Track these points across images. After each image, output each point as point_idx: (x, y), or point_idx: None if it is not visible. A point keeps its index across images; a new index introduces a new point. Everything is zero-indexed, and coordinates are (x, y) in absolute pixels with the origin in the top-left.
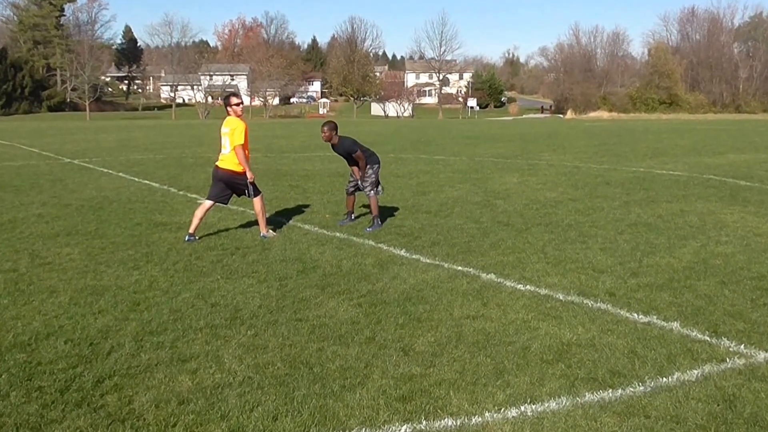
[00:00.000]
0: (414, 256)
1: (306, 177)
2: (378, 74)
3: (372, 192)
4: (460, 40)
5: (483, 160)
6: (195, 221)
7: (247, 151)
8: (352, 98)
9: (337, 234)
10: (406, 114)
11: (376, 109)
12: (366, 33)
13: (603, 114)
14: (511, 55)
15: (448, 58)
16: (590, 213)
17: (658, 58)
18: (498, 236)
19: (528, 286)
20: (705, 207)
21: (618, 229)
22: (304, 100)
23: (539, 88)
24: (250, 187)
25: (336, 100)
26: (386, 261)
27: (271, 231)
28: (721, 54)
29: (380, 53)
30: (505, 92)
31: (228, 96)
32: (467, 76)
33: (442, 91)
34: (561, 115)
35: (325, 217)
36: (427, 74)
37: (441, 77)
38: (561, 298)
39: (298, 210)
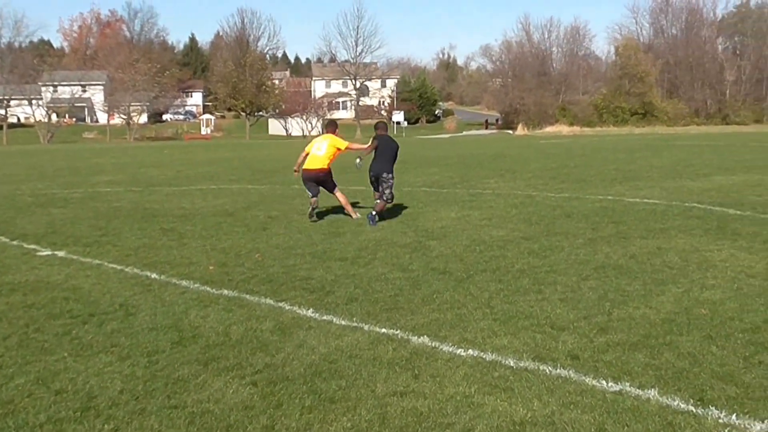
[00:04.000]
0: (325, 318)
1: (183, 218)
2: (277, 82)
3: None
4: (382, 37)
5: (412, 190)
6: (347, 206)
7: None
8: (243, 113)
9: (225, 291)
10: (314, 132)
11: (275, 126)
12: (261, 29)
13: (562, 128)
14: (445, 57)
15: (367, 60)
16: (547, 254)
17: (627, 58)
18: (432, 288)
19: (470, 351)
20: (687, 243)
21: (582, 274)
22: (182, 117)
23: (482, 98)
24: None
25: (223, 116)
26: (289, 325)
27: (357, 213)
28: (702, 52)
29: (279, 55)
30: (440, 103)
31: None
32: (391, 83)
33: (360, 103)
34: (510, 131)
35: (209, 270)
36: (341, 82)
37: (358, 85)
38: (512, 364)
39: (173, 261)
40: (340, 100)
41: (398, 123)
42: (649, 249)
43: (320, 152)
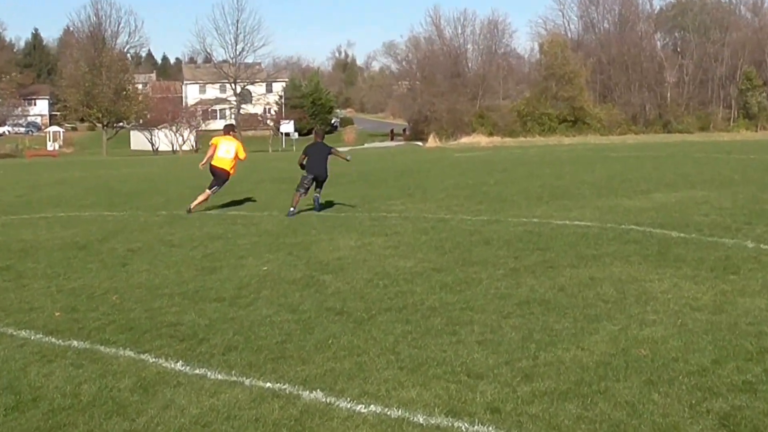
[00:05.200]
0: (198, 371)
1: (23, 253)
2: (141, 86)
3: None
4: (267, 33)
5: (304, 214)
6: (199, 199)
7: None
8: (100, 124)
9: (74, 343)
10: (186, 147)
11: (139, 140)
12: (119, 23)
13: (480, 139)
14: (343, 56)
15: (249, 60)
16: (463, 289)
17: (553, 56)
18: (327, 332)
19: (372, 407)
20: (624, 272)
21: (503, 311)
22: (23, 130)
23: (387, 104)
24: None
25: (75, 128)
26: (153, 381)
27: (190, 211)
28: (639, 50)
29: (143, 55)
30: (337, 110)
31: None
32: (278, 87)
33: (241, 111)
34: (420, 143)
35: (55, 316)
36: (218, 86)
37: (239, 90)
38: (421, 421)
39: (9, 307)
40: (218, 107)
41: (287, 134)
42: (581, 279)
43: (229, 155)
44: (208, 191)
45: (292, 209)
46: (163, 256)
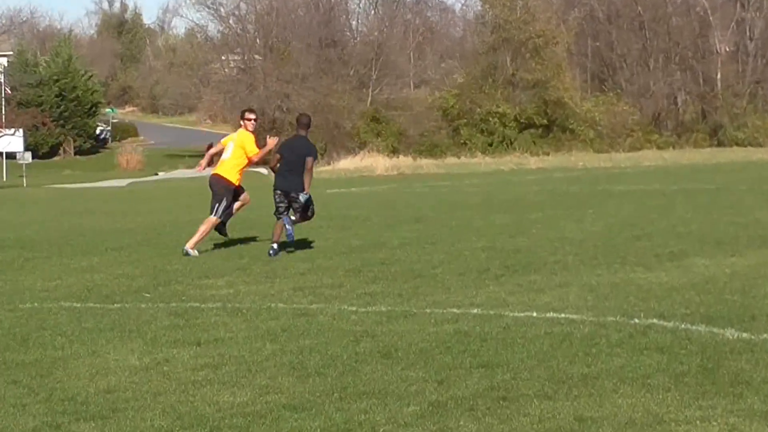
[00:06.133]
0: None
1: None
2: None
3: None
4: None
5: (43, 307)
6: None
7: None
8: None
9: None
10: None
11: None
12: None
13: (375, 161)
14: (116, 8)
15: None
16: None
17: (508, 9)
18: None
19: None
20: (639, 405)
21: None
22: None
23: (201, 98)
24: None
25: None
26: None
27: (195, 251)
28: None
29: None
30: (108, 110)
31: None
32: None
33: None
34: (263, 170)
35: None
36: None
37: None
38: None
39: None
40: None
41: (11, 156)
42: (560, 422)
43: (226, 155)
44: (211, 218)
45: (273, 246)
46: None
